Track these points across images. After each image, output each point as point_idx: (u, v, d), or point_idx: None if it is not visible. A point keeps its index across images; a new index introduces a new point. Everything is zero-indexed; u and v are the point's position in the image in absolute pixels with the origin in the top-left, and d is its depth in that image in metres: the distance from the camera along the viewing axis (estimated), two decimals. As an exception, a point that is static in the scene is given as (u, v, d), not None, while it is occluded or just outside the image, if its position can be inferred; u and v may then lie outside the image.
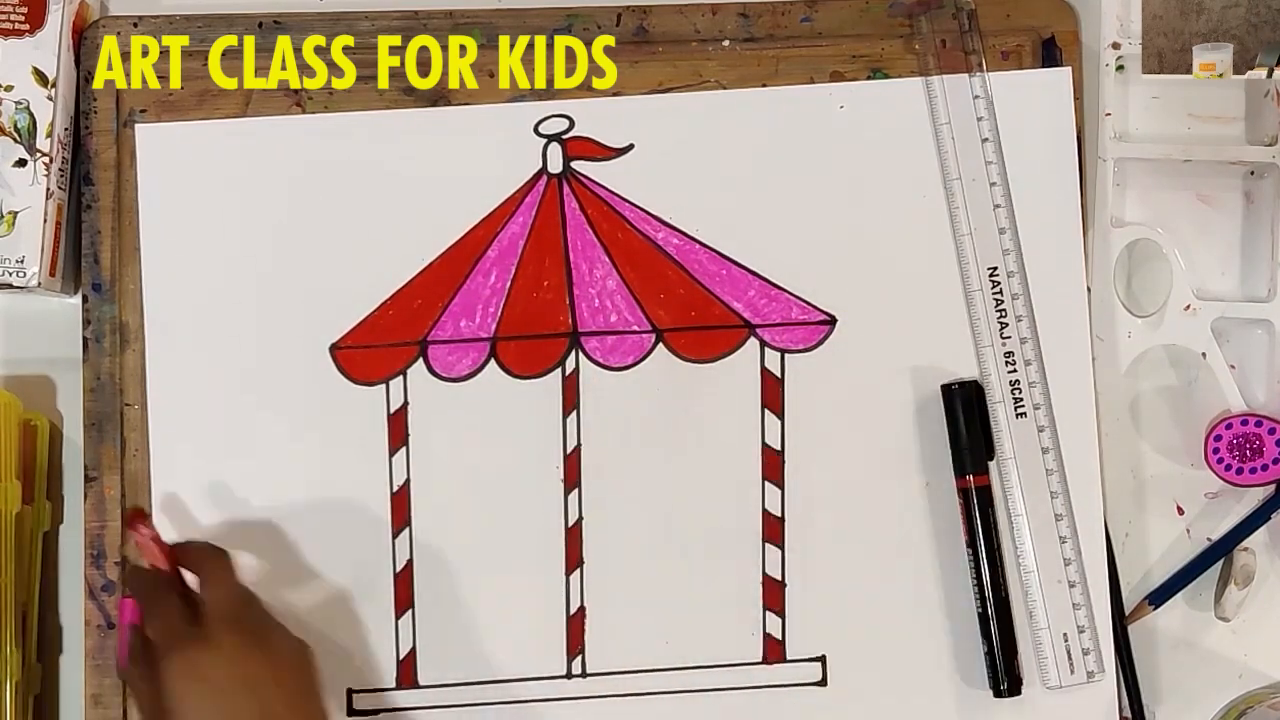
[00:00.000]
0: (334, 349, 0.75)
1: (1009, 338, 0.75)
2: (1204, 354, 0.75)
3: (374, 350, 0.75)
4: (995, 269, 0.75)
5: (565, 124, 0.76)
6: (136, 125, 0.75)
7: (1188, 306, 0.75)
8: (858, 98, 0.76)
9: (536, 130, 0.76)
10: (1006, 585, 0.74)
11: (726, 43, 0.77)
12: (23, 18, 0.72)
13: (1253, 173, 0.77)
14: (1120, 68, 0.76)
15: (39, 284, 0.72)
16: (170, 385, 0.74)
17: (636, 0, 0.77)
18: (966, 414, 0.74)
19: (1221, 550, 0.75)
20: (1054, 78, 0.76)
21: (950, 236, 0.76)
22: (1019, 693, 0.73)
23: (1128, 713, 0.75)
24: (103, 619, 0.74)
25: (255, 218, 0.75)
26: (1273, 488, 0.76)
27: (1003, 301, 0.75)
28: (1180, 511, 0.77)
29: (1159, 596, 0.75)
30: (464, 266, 0.75)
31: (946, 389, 0.74)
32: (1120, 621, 0.75)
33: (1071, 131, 0.76)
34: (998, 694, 0.73)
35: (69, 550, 0.76)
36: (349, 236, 0.75)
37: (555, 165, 0.76)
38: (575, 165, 0.76)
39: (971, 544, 0.74)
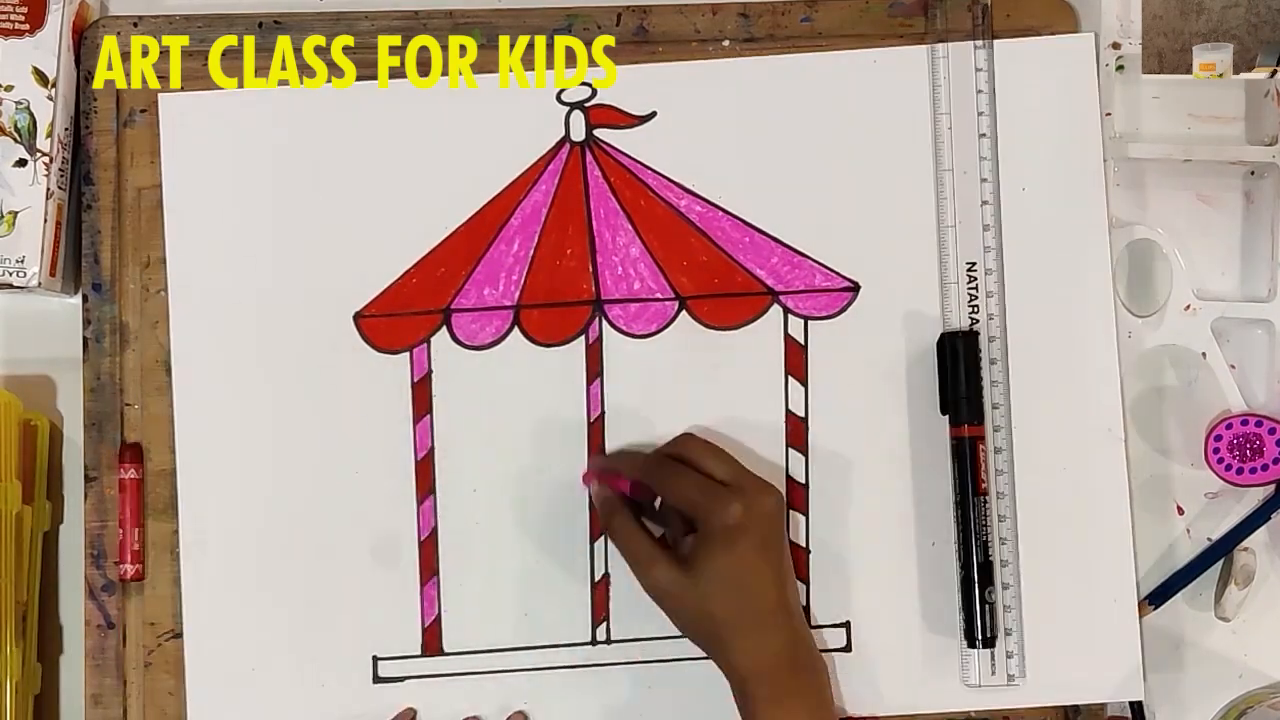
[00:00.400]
0: (358, 317, 0.75)
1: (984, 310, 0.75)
2: (1204, 354, 0.75)
3: (397, 318, 0.75)
4: (974, 265, 0.75)
5: (588, 92, 0.76)
6: (159, 94, 0.75)
7: (1188, 306, 0.76)
8: (882, 63, 0.76)
9: (559, 98, 0.76)
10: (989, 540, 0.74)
11: (726, 43, 0.77)
12: (23, 18, 0.71)
13: (1253, 173, 0.77)
14: (1120, 67, 0.76)
15: (39, 284, 0.72)
16: (194, 355, 0.74)
17: (636, 0, 0.77)
18: (960, 362, 0.74)
19: (1221, 550, 0.75)
20: (1077, 44, 0.76)
21: (976, 204, 0.76)
22: (992, 645, 0.74)
23: (1126, 712, 0.75)
24: (103, 619, 0.74)
25: (278, 186, 0.75)
26: (1273, 488, 0.76)
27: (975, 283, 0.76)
28: (1180, 511, 0.77)
29: (1159, 596, 0.75)
30: (487, 235, 0.75)
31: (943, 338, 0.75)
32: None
33: (1095, 99, 0.76)
34: (971, 645, 0.74)
35: (69, 550, 0.76)
36: (372, 205, 0.75)
37: (578, 133, 0.76)
38: (598, 133, 0.76)
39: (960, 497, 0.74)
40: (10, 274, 0.72)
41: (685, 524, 0.70)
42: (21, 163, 0.72)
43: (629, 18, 0.76)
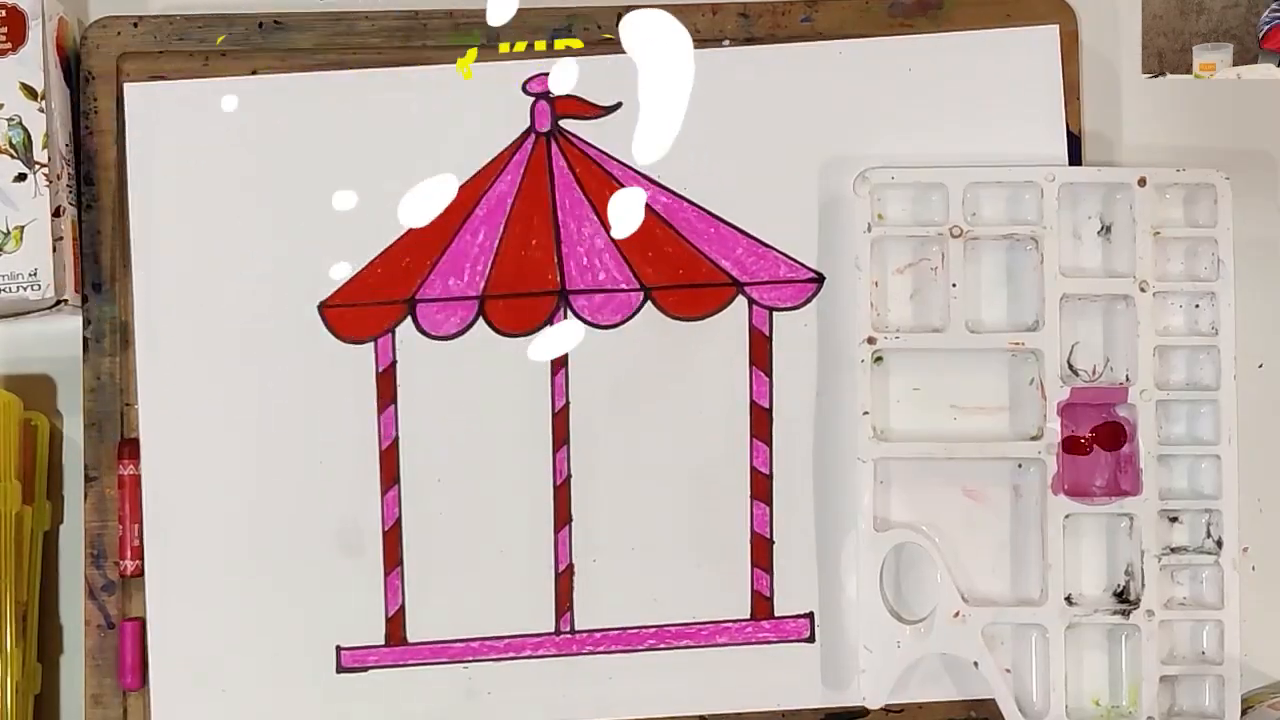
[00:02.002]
0: (322, 307, 0.75)
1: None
2: (976, 663, 0.73)
3: (362, 309, 0.75)
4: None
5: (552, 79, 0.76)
6: (125, 84, 0.75)
7: (957, 613, 0.73)
8: (847, 54, 0.76)
9: (524, 88, 0.76)
10: None
11: (726, 43, 0.77)
12: (3, 37, 0.72)
13: (1020, 465, 0.75)
14: (879, 359, 0.74)
15: (67, 299, 0.72)
16: (158, 344, 0.74)
17: (637, 0, 0.77)
18: None
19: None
20: (1041, 35, 0.76)
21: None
22: None
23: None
24: (103, 619, 0.74)
25: (243, 175, 0.75)
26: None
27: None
28: None
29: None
30: (452, 225, 0.75)
31: None
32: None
33: (1059, 90, 0.76)
34: None
35: (69, 550, 0.76)
36: (338, 194, 0.75)
37: (543, 123, 0.76)
38: (563, 123, 0.76)
39: None
40: (24, 287, 0.71)
41: None
42: (21, 177, 0.72)
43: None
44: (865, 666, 0.73)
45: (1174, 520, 0.74)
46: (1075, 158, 0.76)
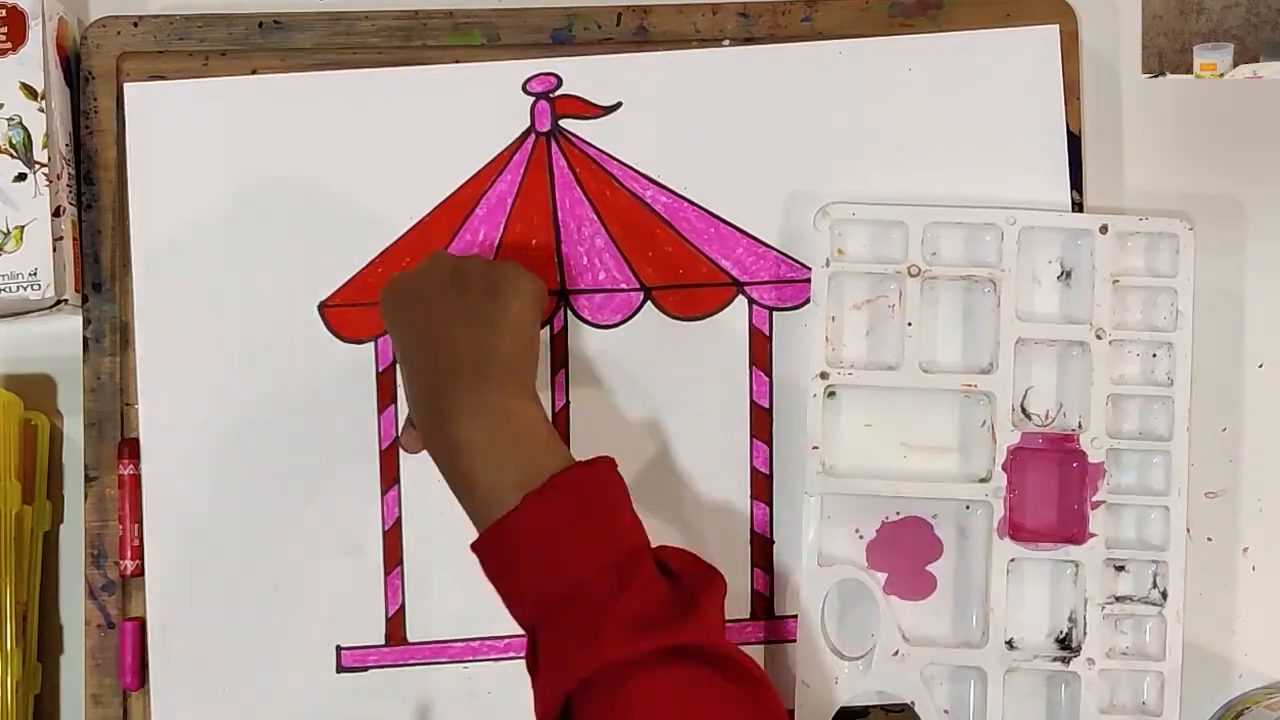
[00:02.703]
0: (323, 307, 0.75)
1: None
2: (912, 702, 0.72)
3: (363, 308, 0.75)
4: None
5: (553, 82, 0.76)
6: (125, 84, 0.75)
7: (896, 652, 0.72)
8: (847, 53, 0.76)
9: (524, 88, 0.76)
10: None
11: (727, 42, 0.77)
12: (4, 37, 0.72)
13: (968, 507, 0.74)
14: (831, 393, 0.74)
15: (67, 299, 0.72)
16: (159, 343, 0.74)
17: (637, 0, 0.77)
18: None
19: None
20: (1041, 35, 0.76)
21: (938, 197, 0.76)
22: None
23: None
24: (103, 619, 0.74)
25: (244, 175, 0.75)
26: None
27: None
28: None
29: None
30: (453, 224, 0.75)
31: None
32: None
33: (1059, 90, 0.76)
34: None
35: (69, 550, 0.76)
36: (338, 194, 0.75)
37: (543, 123, 0.76)
38: (563, 123, 0.76)
39: None
40: (24, 287, 0.71)
41: None
42: (21, 177, 0.72)
43: (629, 18, 0.76)
44: (801, 702, 0.72)
45: (1120, 569, 0.74)
46: (1075, 158, 0.76)
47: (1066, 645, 0.73)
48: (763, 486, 0.76)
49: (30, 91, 0.72)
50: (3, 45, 0.72)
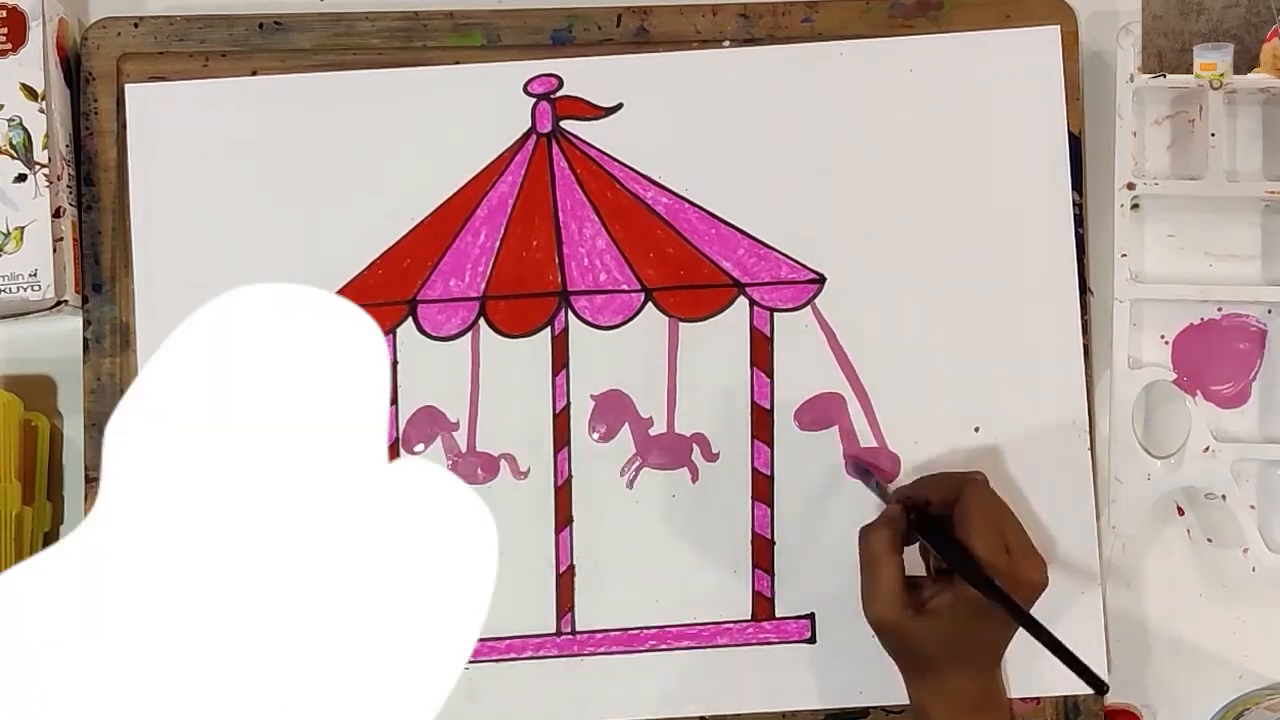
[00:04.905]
0: None
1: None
2: (1224, 496, 0.75)
3: (363, 309, 0.75)
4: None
5: (554, 83, 0.76)
6: (125, 85, 0.75)
7: (1206, 448, 0.75)
8: (848, 54, 0.76)
9: (525, 89, 0.76)
10: None
11: (727, 43, 0.77)
12: (4, 38, 0.72)
13: (1270, 311, 0.76)
14: (1135, 206, 0.75)
15: (67, 300, 0.72)
16: (157, 343, 0.73)
17: (637, 1, 0.77)
18: None
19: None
20: (1041, 36, 0.76)
21: (938, 197, 0.76)
22: None
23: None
24: (103, 619, 0.74)
25: (243, 176, 0.75)
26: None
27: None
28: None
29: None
30: (453, 226, 0.75)
31: None
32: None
33: (1059, 90, 0.76)
34: None
35: (69, 550, 0.76)
36: (338, 195, 0.75)
37: (544, 124, 0.76)
38: (564, 124, 0.76)
39: None
40: (25, 288, 0.71)
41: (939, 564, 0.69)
42: (21, 177, 0.72)
43: (629, 18, 0.76)
44: (1116, 497, 0.74)
45: None
46: (1075, 157, 0.76)
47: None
48: (764, 487, 0.76)
49: (30, 92, 0.72)
50: (3, 46, 0.72)
